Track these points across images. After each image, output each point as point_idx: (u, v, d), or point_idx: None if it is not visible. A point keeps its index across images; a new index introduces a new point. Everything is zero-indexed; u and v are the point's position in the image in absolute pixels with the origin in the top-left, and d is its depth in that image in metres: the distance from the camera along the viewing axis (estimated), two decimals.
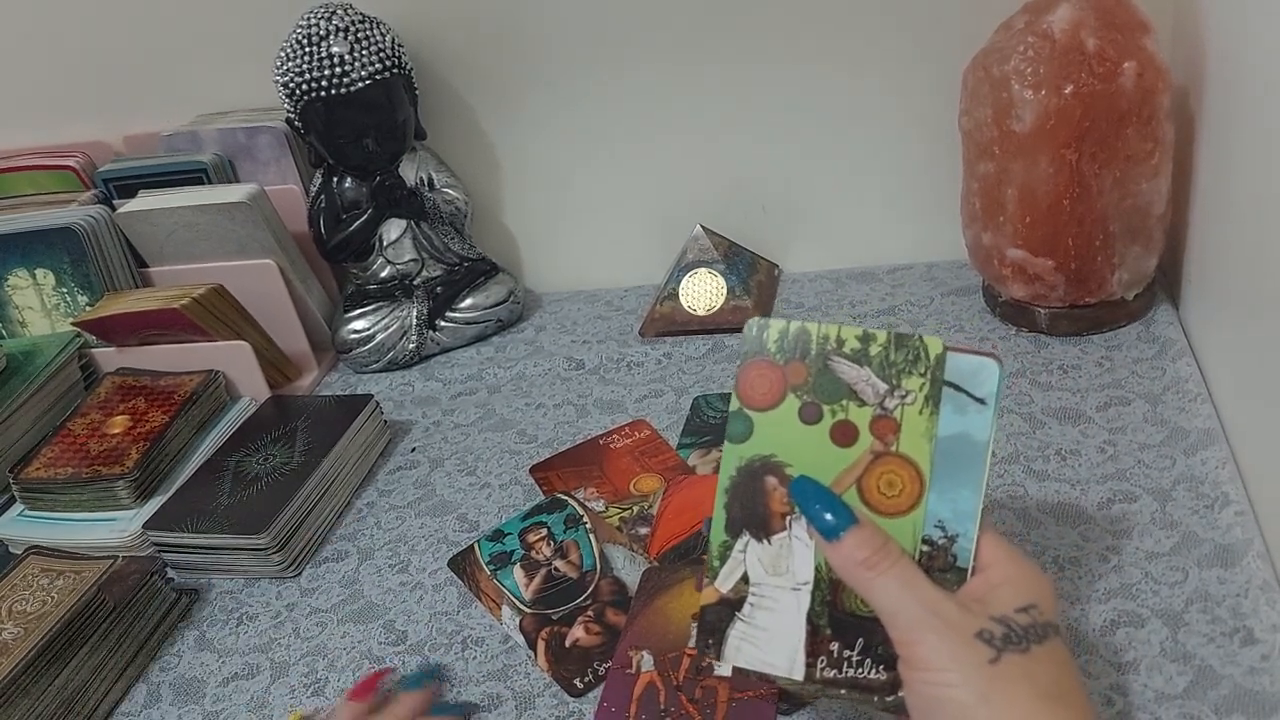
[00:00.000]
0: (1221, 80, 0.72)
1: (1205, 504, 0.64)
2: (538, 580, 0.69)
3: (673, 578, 0.66)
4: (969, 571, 0.47)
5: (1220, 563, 0.59)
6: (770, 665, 0.48)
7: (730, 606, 0.49)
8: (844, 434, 0.48)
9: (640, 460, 0.80)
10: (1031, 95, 0.74)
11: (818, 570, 0.48)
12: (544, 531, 0.73)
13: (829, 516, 0.46)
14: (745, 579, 0.49)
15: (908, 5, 0.89)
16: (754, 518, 0.49)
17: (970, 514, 0.47)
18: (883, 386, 0.48)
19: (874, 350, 0.48)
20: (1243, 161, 0.68)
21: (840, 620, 0.48)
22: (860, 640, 0.48)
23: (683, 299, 0.96)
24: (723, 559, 0.49)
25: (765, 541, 0.49)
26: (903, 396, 0.48)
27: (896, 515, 0.47)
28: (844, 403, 0.48)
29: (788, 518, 0.49)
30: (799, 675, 0.48)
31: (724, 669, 0.59)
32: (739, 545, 0.49)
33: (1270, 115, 0.61)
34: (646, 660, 0.61)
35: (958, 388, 0.48)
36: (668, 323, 0.96)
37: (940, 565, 0.47)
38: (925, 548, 0.47)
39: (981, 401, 0.48)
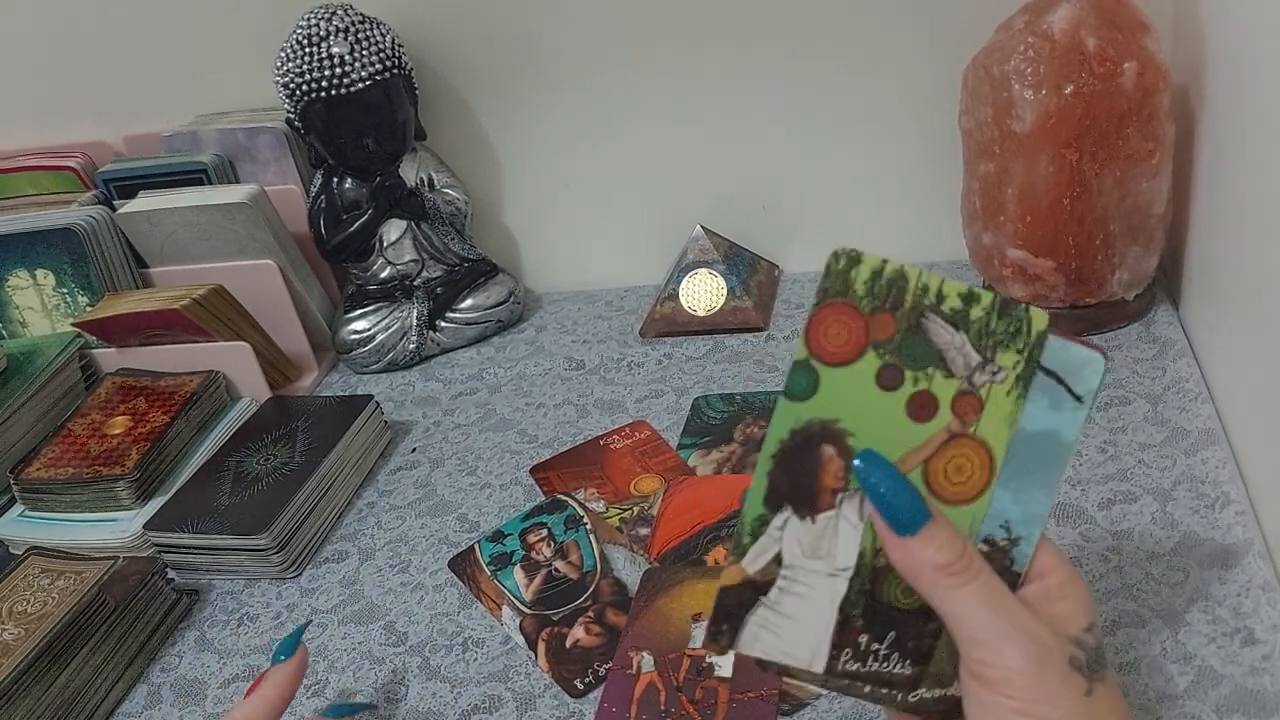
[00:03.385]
0: (1221, 80, 0.72)
1: (1206, 504, 0.64)
2: (538, 581, 0.69)
3: (673, 578, 0.66)
4: (1022, 577, 0.43)
5: (1221, 563, 0.59)
6: (790, 656, 0.44)
7: (755, 590, 0.43)
8: (922, 407, 0.41)
9: (641, 461, 0.80)
10: (1032, 95, 0.74)
11: (861, 555, 0.42)
12: (544, 532, 0.73)
13: (904, 507, 0.40)
14: (778, 559, 0.43)
15: (908, 5, 0.89)
16: (801, 491, 0.42)
17: (1039, 518, 0.43)
18: (975, 358, 0.41)
19: (975, 314, 0.41)
20: (1243, 161, 0.67)
21: (875, 611, 0.43)
22: (891, 633, 0.43)
23: (683, 299, 0.96)
24: (755, 535, 0.42)
25: (809, 519, 0.42)
26: (994, 373, 0.41)
27: (957, 504, 0.42)
28: (930, 370, 0.41)
29: (839, 495, 0.42)
30: (820, 668, 0.43)
31: (723, 668, 0.59)
32: (777, 521, 0.42)
33: (1270, 115, 0.61)
34: (647, 661, 0.61)
35: (1059, 379, 0.42)
36: (668, 323, 0.96)
37: (996, 567, 0.42)
38: (985, 547, 0.43)
39: (1079, 399, 0.42)
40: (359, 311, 0.99)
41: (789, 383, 0.41)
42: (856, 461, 0.41)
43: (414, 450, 0.87)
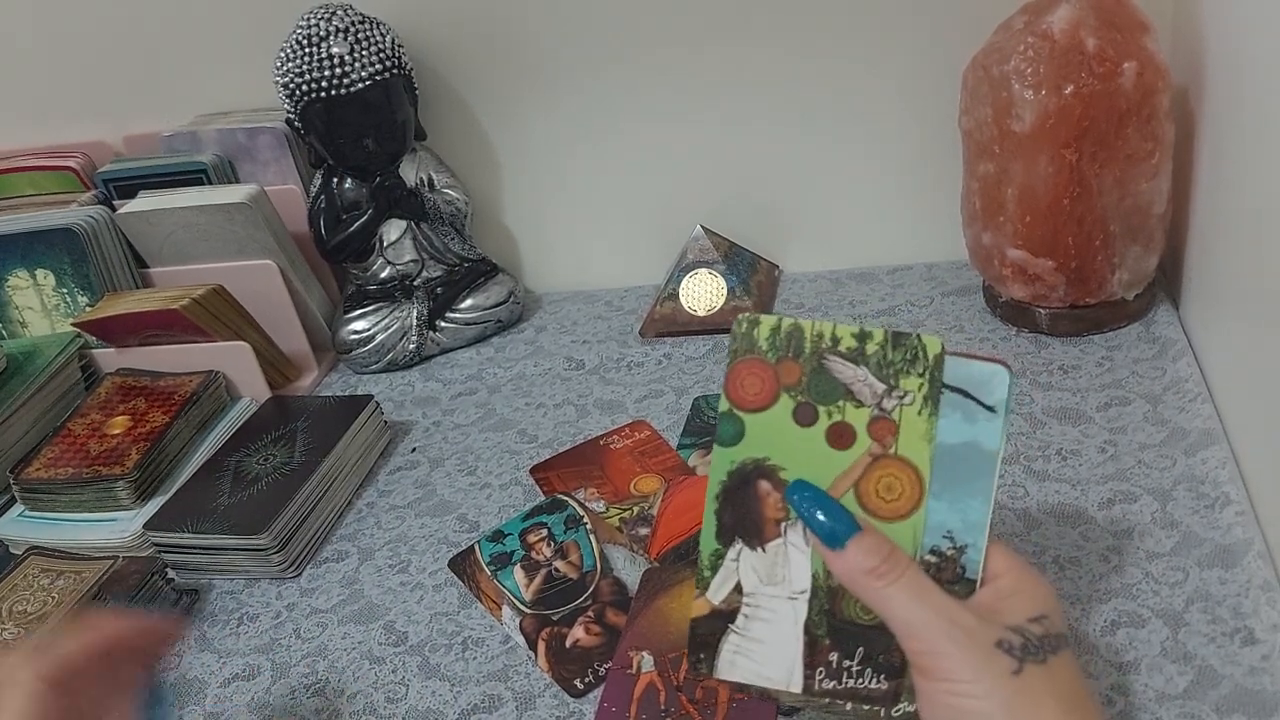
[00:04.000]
0: (1221, 80, 0.72)
1: (1206, 504, 0.64)
2: (538, 581, 0.69)
3: (673, 578, 0.66)
4: (978, 582, 0.46)
5: (1221, 563, 0.59)
6: (767, 679, 0.47)
7: (723, 618, 0.47)
8: (841, 436, 0.46)
9: (640, 460, 0.80)
10: (1031, 95, 0.74)
11: (815, 578, 0.47)
12: (544, 532, 0.73)
13: (831, 524, 0.45)
14: (739, 589, 0.47)
15: (908, 5, 0.89)
16: (747, 524, 0.47)
17: (980, 524, 0.46)
18: (880, 386, 0.46)
19: (870, 349, 0.46)
20: (1243, 161, 0.68)
21: (839, 629, 0.46)
22: (860, 649, 0.46)
23: (683, 299, 0.96)
24: (714, 569, 0.47)
25: (759, 549, 0.47)
26: (901, 397, 0.46)
27: (896, 520, 0.46)
28: (840, 403, 0.46)
29: (783, 524, 0.47)
30: (797, 688, 0.46)
31: None
32: (731, 554, 0.47)
33: (1270, 115, 0.61)
34: (647, 661, 0.61)
35: (967, 394, 0.46)
36: (668, 323, 0.96)
37: (949, 577, 0.46)
38: (933, 558, 0.46)
39: (991, 409, 0.46)
40: (359, 311, 0.99)
41: (719, 432, 0.47)
42: (788, 491, 0.46)
43: (414, 450, 0.87)
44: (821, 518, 0.45)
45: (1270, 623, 0.55)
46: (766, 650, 0.47)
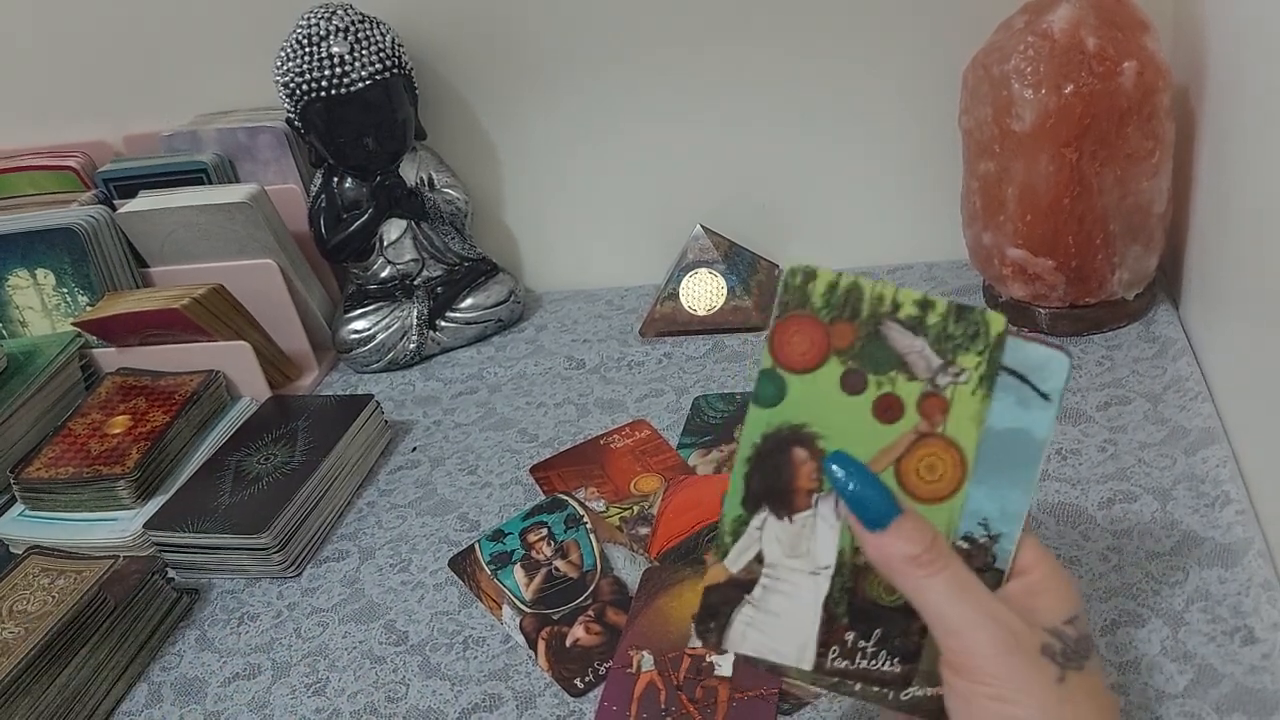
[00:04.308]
0: (1221, 80, 0.72)
1: (1206, 503, 0.64)
2: (538, 580, 0.69)
3: (673, 577, 0.67)
4: (1006, 574, 0.44)
5: (1221, 562, 0.59)
6: (778, 653, 0.45)
7: (739, 588, 0.45)
8: (888, 409, 0.43)
9: (641, 460, 0.80)
10: (1031, 94, 0.74)
11: (840, 554, 0.44)
12: (544, 531, 0.73)
13: (873, 502, 0.42)
14: (759, 559, 0.45)
15: (908, 5, 0.89)
16: (776, 492, 0.44)
17: (1017, 515, 0.44)
18: (936, 361, 0.43)
19: (932, 320, 0.43)
20: (1243, 161, 0.68)
21: (860, 609, 0.44)
22: (878, 631, 0.44)
23: (683, 299, 0.96)
24: (736, 535, 0.45)
25: (786, 519, 0.44)
26: (956, 374, 0.43)
27: (933, 502, 0.43)
28: (892, 374, 0.43)
29: (814, 495, 0.44)
30: (808, 665, 0.45)
31: (723, 668, 0.59)
32: (756, 521, 0.44)
33: (1270, 115, 0.61)
34: (647, 660, 0.61)
35: (1023, 379, 0.44)
36: (668, 323, 0.96)
37: (978, 564, 0.44)
38: (965, 545, 0.44)
39: (1045, 397, 0.44)
40: (359, 311, 0.99)
41: (756, 391, 0.44)
42: (827, 462, 0.43)
43: (414, 449, 0.87)
44: (862, 495, 0.42)
45: (1270, 621, 0.55)
46: (781, 624, 0.45)
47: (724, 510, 0.45)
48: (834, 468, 0.43)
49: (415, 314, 0.99)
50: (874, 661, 0.45)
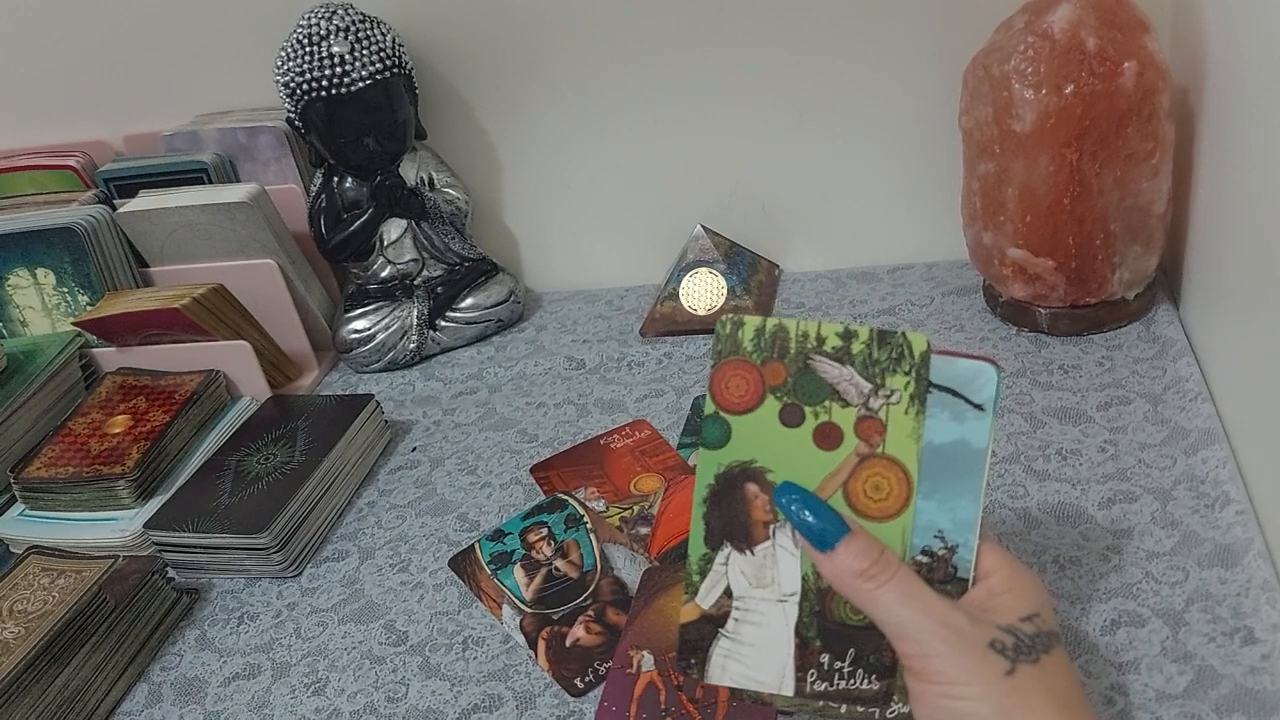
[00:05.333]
0: (1221, 80, 0.72)
1: (1206, 503, 0.64)
2: (538, 580, 0.69)
3: (673, 577, 0.67)
4: (969, 582, 0.46)
5: (1221, 562, 0.59)
6: (759, 682, 0.47)
7: (713, 623, 0.47)
8: (828, 436, 0.46)
9: (641, 460, 0.80)
10: (1032, 94, 0.74)
11: (804, 580, 0.47)
12: (544, 531, 0.73)
13: (820, 525, 0.45)
14: (728, 593, 0.47)
15: (908, 5, 0.89)
16: (735, 528, 0.47)
17: (970, 523, 0.46)
18: (866, 386, 0.46)
19: (856, 348, 0.46)
20: (1243, 161, 0.68)
21: (830, 630, 0.46)
22: (851, 650, 0.46)
23: (683, 299, 0.96)
24: (703, 573, 0.47)
25: (748, 552, 0.47)
26: (887, 396, 0.46)
27: (885, 519, 0.46)
28: (827, 404, 0.46)
29: (771, 526, 0.47)
30: (789, 690, 0.47)
31: None
32: (720, 558, 0.47)
33: (1270, 115, 0.61)
34: (647, 660, 0.61)
35: (955, 393, 0.46)
36: (668, 323, 0.96)
37: (941, 576, 0.46)
38: (925, 559, 0.46)
39: (980, 408, 0.46)
40: (359, 311, 0.99)
41: (704, 434, 0.47)
42: (775, 493, 0.46)
43: (414, 449, 0.87)
44: (810, 519, 0.45)
45: (1270, 622, 0.55)
46: (757, 654, 0.47)
47: (689, 551, 0.47)
48: (782, 498, 0.46)
49: (415, 314, 0.99)
50: (852, 681, 0.46)
